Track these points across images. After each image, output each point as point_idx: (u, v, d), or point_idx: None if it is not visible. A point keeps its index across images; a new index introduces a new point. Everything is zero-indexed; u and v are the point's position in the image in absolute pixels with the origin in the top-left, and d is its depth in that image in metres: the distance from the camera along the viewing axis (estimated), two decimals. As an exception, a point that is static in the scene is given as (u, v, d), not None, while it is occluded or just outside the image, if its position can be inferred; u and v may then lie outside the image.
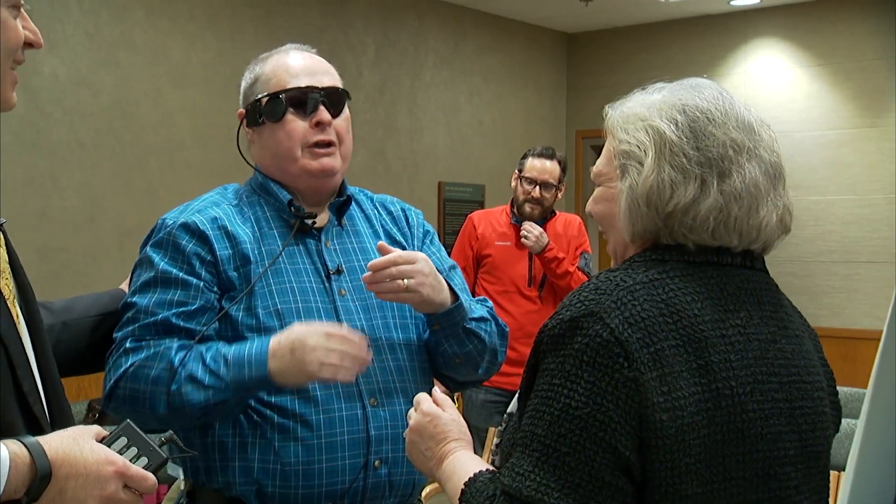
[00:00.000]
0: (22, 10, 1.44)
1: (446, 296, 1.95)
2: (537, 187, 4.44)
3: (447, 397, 1.63)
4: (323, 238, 2.01)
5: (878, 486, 1.40)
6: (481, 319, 2.02)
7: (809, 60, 6.91)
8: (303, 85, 1.99)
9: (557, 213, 4.60)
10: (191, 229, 1.92)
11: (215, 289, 1.90)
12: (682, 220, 1.37)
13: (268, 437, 1.85)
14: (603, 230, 1.51)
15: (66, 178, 4.87)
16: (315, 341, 1.79)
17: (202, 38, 5.42)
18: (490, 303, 2.13)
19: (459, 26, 7.07)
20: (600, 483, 1.27)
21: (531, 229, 4.37)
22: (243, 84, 2.08)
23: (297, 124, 1.98)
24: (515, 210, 4.53)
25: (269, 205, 2.01)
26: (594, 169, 1.49)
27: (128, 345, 1.85)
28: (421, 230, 2.17)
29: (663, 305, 1.33)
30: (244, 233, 1.94)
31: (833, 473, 3.66)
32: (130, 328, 1.86)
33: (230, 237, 1.93)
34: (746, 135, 1.41)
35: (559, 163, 4.49)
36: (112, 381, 1.84)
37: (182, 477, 1.96)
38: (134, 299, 1.89)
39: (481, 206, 6.95)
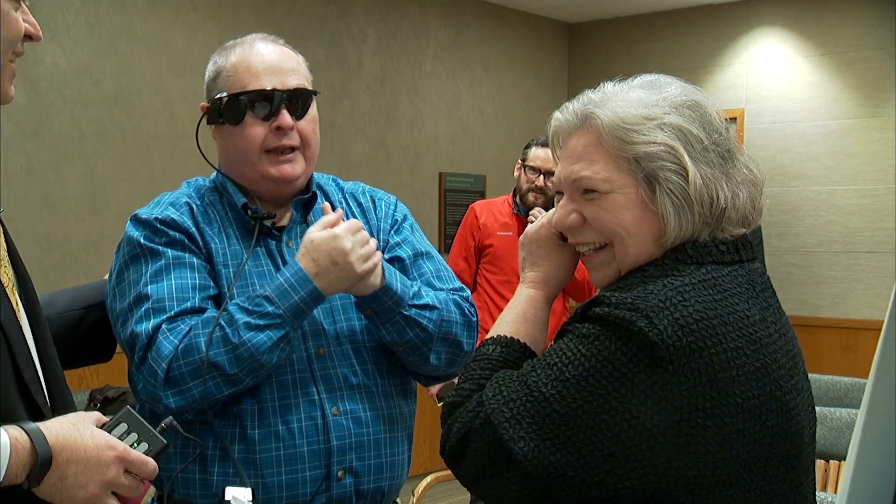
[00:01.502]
0: (23, 3, 1.44)
1: (375, 280, 1.83)
2: (541, 176, 4.44)
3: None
4: (284, 238, 1.94)
5: (879, 476, 1.40)
6: (425, 307, 1.88)
7: (811, 50, 6.90)
8: (265, 87, 1.88)
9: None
10: (175, 222, 1.87)
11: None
12: (730, 216, 1.36)
13: (227, 450, 1.80)
14: (601, 244, 1.42)
15: (68, 168, 4.87)
16: (348, 243, 1.78)
17: (204, 28, 5.41)
18: (467, 291, 2.01)
19: (460, 16, 7.06)
20: (571, 447, 1.25)
21: (538, 215, 4.38)
22: (206, 75, 1.98)
23: (256, 129, 1.89)
24: (518, 199, 4.54)
25: (229, 204, 1.94)
26: (592, 177, 1.39)
27: (165, 327, 1.76)
28: (389, 220, 2.04)
29: (720, 307, 1.29)
30: (210, 233, 1.89)
31: (834, 463, 3.67)
32: (161, 317, 1.78)
33: (202, 235, 1.89)
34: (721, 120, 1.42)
35: None
36: (164, 368, 1.73)
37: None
38: (149, 290, 1.80)
39: (482, 196, 6.94)
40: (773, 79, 6.98)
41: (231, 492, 1.78)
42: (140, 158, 5.14)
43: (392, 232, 2.03)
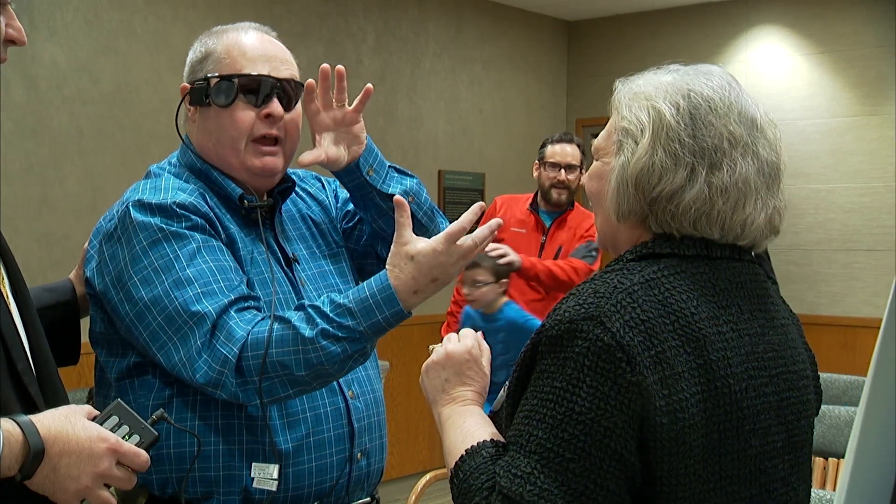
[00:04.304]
0: (9, 7, 1.43)
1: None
2: (562, 170, 4.56)
3: (488, 349, 1.58)
4: (276, 227, 1.93)
5: (878, 473, 1.40)
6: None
7: (811, 48, 6.90)
8: (259, 73, 1.85)
9: (576, 206, 4.66)
10: (196, 207, 1.79)
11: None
12: (666, 207, 1.36)
13: (259, 442, 1.77)
14: (593, 207, 1.50)
15: (68, 166, 4.87)
16: (452, 257, 1.67)
17: (203, 26, 5.36)
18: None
19: (459, 14, 7.06)
20: (605, 491, 1.25)
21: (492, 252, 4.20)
22: (191, 55, 1.93)
23: (245, 114, 1.84)
24: (539, 198, 4.63)
25: (212, 191, 1.88)
26: (594, 142, 1.47)
27: (233, 312, 1.69)
28: (332, 195, 2.12)
29: (661, 306, 1.31)
30: (224, 220, 1.85)
31: (833, 460, 3.67)
32: (219, 300, 1.69)
33: (220, 220, 1.84)
34: (746, 130, 1.39)
35: (579, 147, 4.64)
36: (235, 353, 1.66)
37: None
38: (190, 273, 1.71)
39: (481, 194, 6.95)
40: (772, 77, 6.98)
41: (257, 467, 1.76)
42: (139, 156, 5.13)
43: (340, 204, 2.11)
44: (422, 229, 1.95)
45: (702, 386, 1.29)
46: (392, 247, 1.72)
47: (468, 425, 1.44)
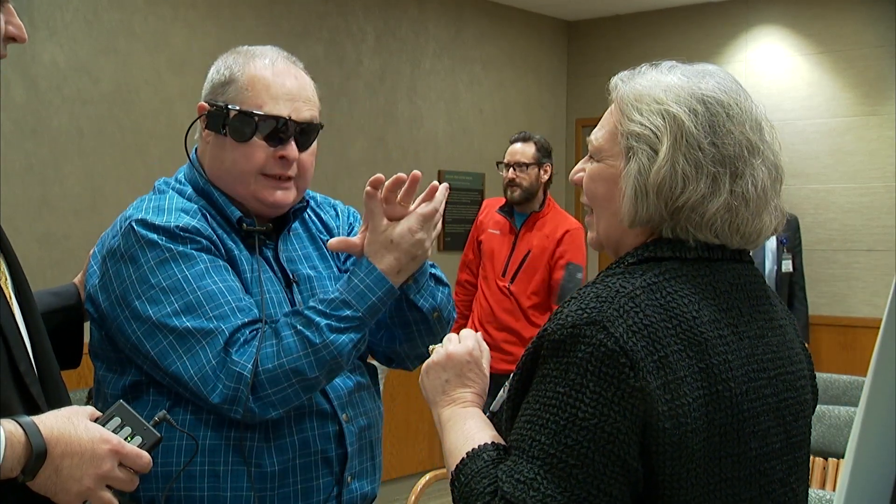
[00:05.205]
0: (8, 4, 1.42)
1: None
2: (511, 169, 4.62)
3: (488, 349, 1.59)
4: (280, 246, 1.92)
5: (878, 474, 1.40)
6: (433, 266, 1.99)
7: (810, 48, 6.90)
8: (280, 114, 1.83)
9: (551, 208, 4.67)
10: (198, 230, 1.79)
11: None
12: (690, 217, 1.34)
13: (245, 463, 1.76)
14: (591, 208, 1.46)
15: (67, 166, 4.87)
16: (426, 235, 1.80)
17: (203, 26, 5.41)
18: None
19: (459, 14, 7.06)
20: (608, 497, 1.24)
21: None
22: (213, 73, 1.90)
23: (259, 152, 1.83)
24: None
25: (221, 214, 1.87)
26: (593, 142, 1.44)
27: (247, 334, 1.72)
28: (346, 226, 2.06)
29: (663, 310, 1.30)
30: (226, 241, 1.84)
31: (832, 461, 3.67)
32: (232, 321, 1.72)
33: (222, 242, 1.84)
34: (758, 135, 1.38)
35: (535, 144, 4.65)
36: (249, 371, 1.69)
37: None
38: (201, 295, 1.72)
39: (481, 194, 6.96)
40: (772, 77, 6.98)
41: None
42: (139, 156, 5.14)
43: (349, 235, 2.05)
44: (430, 334, 1.93)
45: (703, 390, 1.29)
46: (368, 236, 1.80)
47: (469, 427, 1.43)
